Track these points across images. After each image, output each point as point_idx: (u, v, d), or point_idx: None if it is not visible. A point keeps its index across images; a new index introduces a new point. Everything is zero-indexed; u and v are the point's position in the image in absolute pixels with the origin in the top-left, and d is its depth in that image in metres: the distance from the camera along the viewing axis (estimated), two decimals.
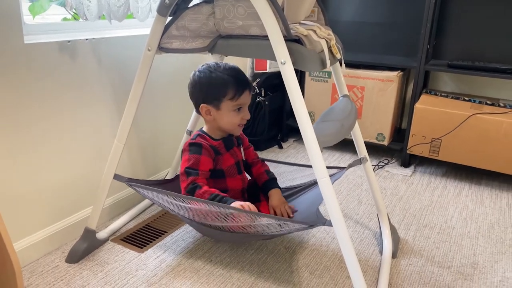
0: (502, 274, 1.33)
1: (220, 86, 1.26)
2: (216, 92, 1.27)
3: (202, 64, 1.32)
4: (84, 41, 1.33)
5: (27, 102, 1.20)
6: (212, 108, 1.29)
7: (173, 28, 1.06)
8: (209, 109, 1.29)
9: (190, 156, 1.27)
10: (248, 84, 1.30)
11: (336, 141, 1.11)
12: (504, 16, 2.00)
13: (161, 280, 1.24)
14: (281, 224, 1.13)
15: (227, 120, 1.30)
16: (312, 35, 1.03)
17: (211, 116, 1.31)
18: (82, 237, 1.32)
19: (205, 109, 1.30)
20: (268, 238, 1.40)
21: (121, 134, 1.21)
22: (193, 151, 1.28)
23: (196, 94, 1.31)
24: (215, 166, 1.31)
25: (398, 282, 1.27)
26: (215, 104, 1.28)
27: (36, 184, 1.28)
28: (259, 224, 1.14)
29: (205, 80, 1.28)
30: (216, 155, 1.32)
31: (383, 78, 2.04)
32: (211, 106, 1.29)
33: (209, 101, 1.28)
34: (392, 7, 2.23)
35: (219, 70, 1.28)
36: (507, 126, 1.77)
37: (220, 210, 1.13)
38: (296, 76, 0.98)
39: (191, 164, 1.26)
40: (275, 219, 1.14)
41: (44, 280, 1.22)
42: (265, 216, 1.15)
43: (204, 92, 1.29)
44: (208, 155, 1.29)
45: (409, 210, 1.70)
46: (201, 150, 1.28)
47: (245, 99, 1.30)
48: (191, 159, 1.26)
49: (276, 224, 1.14)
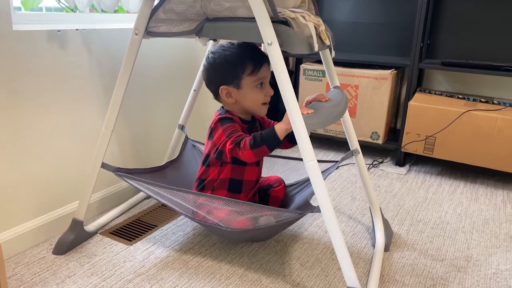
0: (496, 267, 1.30)
1: (237, 62, 1.19)
2: (235, 69, 1.20)
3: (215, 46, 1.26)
4: (75, 31, 1.33)
5: (13, 92, 1.19)
6: (233, 88, 1.22)
7: (160, 12, 1.06)
8: (230, 90, 1.22)
9: (225, 127, 1.20)
10: (266, 57, 1.21)
11: (324, 125, 1.10)
12: (497, 14, 2.01)
13: (148, 271, 1.22)
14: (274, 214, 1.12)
15: (252, 98, 1.23)
16: (299, 19, 1.03)
17: (233, 98, 1.23)
18: (70, 228, 1.31)
19: (225, 91, 1.23)
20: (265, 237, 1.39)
21: (109, 120, 1.20)
22: (225, 122, 1.21)
23: (213, 77, 1.25)
24: None
25: (390, 274, 1.25)
26: (236, 83, 1.20)
27: (23, 175, 1.26)
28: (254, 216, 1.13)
29: (220, 59, 1.21)
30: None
31: (377, 76, 2.04)
32: (231, 87, 1.22)
33: (229, 81, 1.21)
34: (386, 7, 2.24)
35: (234, 47, 1.22)
36: (501, 122, 1.77)
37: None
38: (284, 61, 0.98)
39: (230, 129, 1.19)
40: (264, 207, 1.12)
41: (30, 270, 1.20)
42: (249, 205, 1.13)
43: (221, 72, 1.22)
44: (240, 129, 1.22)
45: (403, 207, 1.69)
46: (233, 121, 1.22)
47: (265, 72, 1.23)
48: (227, 129, 1.19)
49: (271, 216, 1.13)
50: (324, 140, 2.38)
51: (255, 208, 1.12)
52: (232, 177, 1.26)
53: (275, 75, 0.98)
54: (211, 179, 1.28)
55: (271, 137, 1.12)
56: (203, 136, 1.37)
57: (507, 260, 1.34)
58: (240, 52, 1.21)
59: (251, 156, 1.14)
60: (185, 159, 1.55)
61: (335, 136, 2.19)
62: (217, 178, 1.28)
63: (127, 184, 1.60)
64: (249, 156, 1.14)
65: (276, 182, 1.42)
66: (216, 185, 1.28)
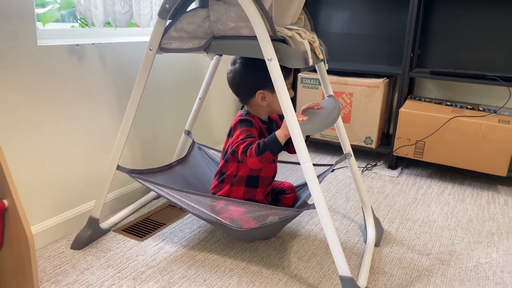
0: (476, 260, 1.42)
1: None
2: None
3: (234, 57, 1.35)
4: (91, 45, 1.46)
5: (37, 99, 1.32)
6: (268, 92, 1.32)
7: (172, 30, 1.19)
8: (265, 94, 1.32)
9: (242, 130, 1.31)
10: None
11: (319, 131, 1.22)
12: (483, 26, 2.14)
13: (159, 264, 1.34)
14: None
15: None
16: (296, 37, 1.16)
17: (266, 101, 1.34)
18: (87, 225, 1.43)
19: (261, 95, 1.33)
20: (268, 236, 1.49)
21: (124, 127, 1.33)
22: (244, 124, 1.33)
23: (248, 82, 1.33)
24: None
25: (380, 266, 1.37)
26: (270, 87, 1.22)
27: (44, 177, 1.38)
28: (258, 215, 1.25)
29: (253, 66, 1.29)
30: (260, 136, 1.36)
31: (370, 84, 2.17)
32: (266, 91, 1.32)
33: (265, 85, 1.30)
34: (378, 19, 2.38)
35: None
36: (485, 128, 1.89)
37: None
38: (282, 73, 1.11)
39: (246, 133, 1.30)
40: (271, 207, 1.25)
41: (51, 263, 1.32)
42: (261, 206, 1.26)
43: (259, 77, 1.28)
44: (257, 131, 1.35)
45: (393, 206, 1.81)
46: (252, 124, 1.34)
47: (291, 77, 1.36)
48: (243, 132, 1.31)
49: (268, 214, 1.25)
50: (321, 144, 2.50)
51: (266, 208, 1.25)
52: (251, 174, 1.38)
53: (274, 86, 1.11)
54: (230, 173, 1.40)
55: (273, 143, 1.24)
56: (207, 141, 1.49)
57: (487, 255, 1.46)
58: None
59: (257, 163, 1.27)
60: (192, 159, 1.68)
61: (331, 140, 2.32)
62: (236, 173, 1.39)
63: (137, 185, 1.73)
64: (255, 163, 1.27)
65: (288, 189, 1.53)
66: (235, 181, 1.40)
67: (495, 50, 2.14)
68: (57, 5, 1.67)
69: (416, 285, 1.28)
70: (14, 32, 1.21)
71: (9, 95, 1.24)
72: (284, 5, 1.21)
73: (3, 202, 0.99)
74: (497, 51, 2.14)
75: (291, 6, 1.24)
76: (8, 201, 0.99)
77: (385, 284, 1.28)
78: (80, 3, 1.40)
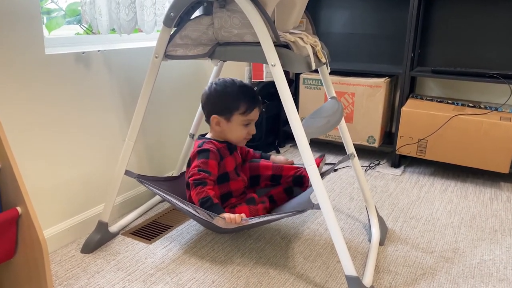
0: (480, 257, 1.45)
1: (233, 99, 1.39)
2: (229, 105, 1.39)
3: (219, 78, 1.45)
4: (97, 52, 1.48)
5: (46, 107, 1.34)
6: (223, 119, 1.40)
7: (177, 37, 1.21)
8: (219, 120, 1.41)
9: (199, 162, 1.36)
10: (259, 102, 1.43)
11: (322, 133, 1.25)
12: (482, 26, 2.16)
13: (168, 266, 1.37)
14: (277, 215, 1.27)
15: (235, 133, 1.42)
16: (299, 41, 1.18)
17: (220, 127, 1.42)
18: (96, 229, 1.45)
19: (216, 120, 1.41)
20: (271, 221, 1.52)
21: (132, 133, 1.35)
22: (201, 156, 1.38)
23: (209, 105, 1.43)
24: (220, 171, 1.41)
25: (384, 265, 1.39)
26: (227, 116, 1.39)
27: (54, 181, 1.41)
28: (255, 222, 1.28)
29: (220, 92, 1.40)
30: (221, 159, 1.42)
31: (372, 84, 2.19)
32: (222, 118, 1.40)
33: (221, 112, 1.40)
34: (379, 19, 2.40)
35: (235, 86, 1.41)
36: (487, 125, 1.91)
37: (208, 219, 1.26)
38: (285, 77, 1.13)
39: (202, 166, 1.35)
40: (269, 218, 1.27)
41: (62, 267, 1.35)
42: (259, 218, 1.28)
43: (217, 103, 1.40)
44: (215, 159, 1.39)
45: (397, 205, 1.83)
46: (209, 155, 1.38)
47: (254, 115, 1.42)
48: (200, 165, 1.35)
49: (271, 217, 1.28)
50: (324, 144, 2.52)
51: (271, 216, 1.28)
52: (222, 192, 1.43)
53: (278, 91, 1.13)
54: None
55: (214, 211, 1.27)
56: None
57: (491, 251, 1.48)
58: (238, 91, 1.40)
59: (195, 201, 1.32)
60: None
61: (334, 140, 2.34)
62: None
63: (143, 189, 1.76)
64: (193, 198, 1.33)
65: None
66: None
67: (495, 48, 2.16)
68: (62, 12, 1.69)
69: (420, 283, 1.30)
70: (22, 41, 1.24)
71: (19, 104, 1.27)
72: (286, 10, 1.24)
73: (17, 209, 1.01)
74: (498, 49, 2.15)
75: (293, 11, 1.26)
76: (21, 208, 1.02)
77: (390, 283, 1.30)
78: (86, 11, 1.43)
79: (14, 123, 1.26)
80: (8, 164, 1.00)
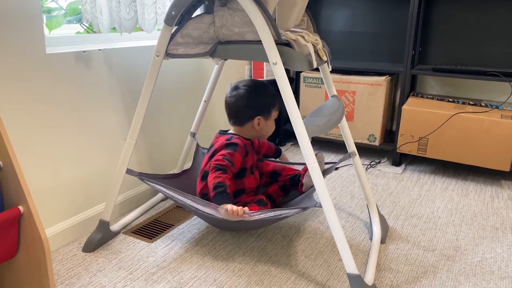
0: (481, 255, 1.45)
1: (269, 98, 1.44)
2: (269, 104, 1.44)
3: (236, 83, 1.46)
4: (98, 51, 1.48)
5: (47, 105, 1.34)
6: (263, 119, 1.44)
7: (178, 36, 1.21)
8: (261, 120, 1.44)
9: (225, 152, 1.39)
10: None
11: (323, 132, 1.25)
12: (483, 24, 2.16)
13: (170, 265, 1.37)
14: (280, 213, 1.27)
15: (271, 129, 1.49)
16: (300, 40, 1.18)
17: (260, 126, 1.45)
18: (97, 228, 1.45)
19: (258, 120, 1.44)
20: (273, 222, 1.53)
21: (133, 131, 1.35)
22: (229, 148, 1.41)
23: (249, 108, 1.44)
24: (240, 166, 1.44)
25: (386, 263, 1.39)
26: (266, 115, 1.44)
27: (55, 180, 1.41)
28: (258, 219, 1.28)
29: (257, 93, 1.43)
30: (245, 155, 1.44)
31: (373, 82, 2.18)
32: (262, 117, 1.44)
33: (262, 112, 1.43)
34: (379, 17, 2.39)
35: (262, 85, 1.45)
36: (488, 123, 1.91)
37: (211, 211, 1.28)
38: (286, 75, 1.13)
39: (228, 156, 1.38)
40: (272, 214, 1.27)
41: (64, 266, 1.35)
42: (261, 213, 1.28)
43: (259, 105, 1.43)
44: (241, 153, 1.42)
45: (398, 203, 1.83)
46: (236, 148, 1.41)
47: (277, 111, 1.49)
48: (226, 154, 1.38)
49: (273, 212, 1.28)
50: (325, 142, 2.52)
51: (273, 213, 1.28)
52: (236, 188, 1.44)
53: (280, 89, 1.13)
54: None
55: (222, 200, 1.30)
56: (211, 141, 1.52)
57: (492, 249, 1.48)
58: (268, 89, 1.45)
59: (210, 183, 1.35)
60: (197, 168, 1.70)
61: (335, 139, 2.34)
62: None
63: (145, 188, 1.76)
64: (209, 180, 1.35)
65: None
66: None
67: (496, 46, 2.16)
68: (63, 11, 1.69)
69: (422, 281, 1.30)
70: (23, 40, 1.24)
71: (20, 103, 1.26)
72: (287, 8, 1.23)
73: (19, 208, 1.01)
74: (498, 47, 2.15)
75: (294, 9, 1.26)
76: (23, 207, 1.02)
77: (392, 281, 1.30)
78: (87, 10, 1.42)
79: (15, 122, 1.26)
80: (9, 163, 1.00)
